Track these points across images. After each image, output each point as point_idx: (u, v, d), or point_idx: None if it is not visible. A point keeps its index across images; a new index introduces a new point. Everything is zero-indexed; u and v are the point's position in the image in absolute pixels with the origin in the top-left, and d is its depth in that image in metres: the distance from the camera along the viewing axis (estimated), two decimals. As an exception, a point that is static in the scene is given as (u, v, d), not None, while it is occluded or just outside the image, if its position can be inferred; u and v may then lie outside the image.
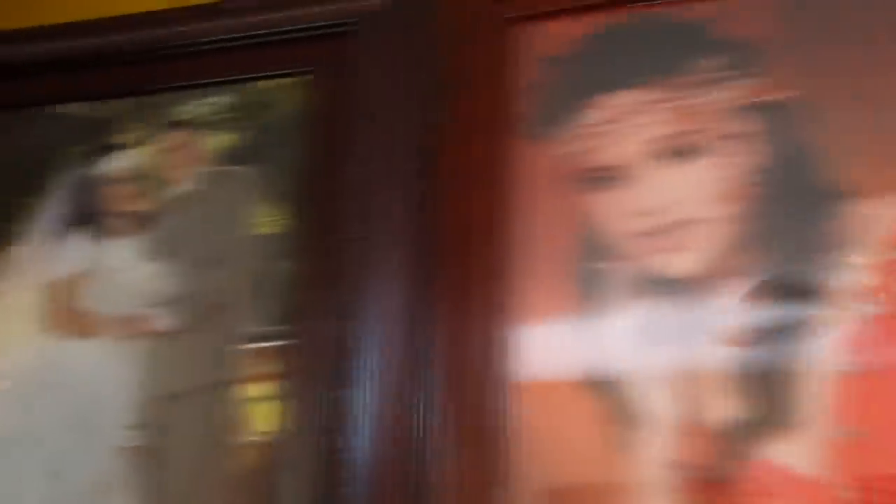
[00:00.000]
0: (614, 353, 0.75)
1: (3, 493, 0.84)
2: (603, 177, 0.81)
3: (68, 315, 0.90)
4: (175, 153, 0.95)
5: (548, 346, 0.77)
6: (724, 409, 0.71)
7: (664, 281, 0.76)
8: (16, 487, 0.84)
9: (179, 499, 0.80)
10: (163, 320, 0.86)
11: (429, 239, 0.82)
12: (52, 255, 0.93)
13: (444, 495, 0.73)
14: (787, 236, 0.75)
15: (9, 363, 0.90)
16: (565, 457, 0.73)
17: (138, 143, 0.96)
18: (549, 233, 0.81)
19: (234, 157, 0.93)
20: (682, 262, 0.77)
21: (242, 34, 0.94)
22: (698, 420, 0.71)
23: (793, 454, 0.68)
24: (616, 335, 0.76)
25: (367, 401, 0.78)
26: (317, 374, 0.80)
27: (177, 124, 0.96)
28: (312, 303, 0.82)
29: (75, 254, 0.92)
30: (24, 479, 0.84)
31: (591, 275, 0.78)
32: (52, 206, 0.95)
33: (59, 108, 1.01)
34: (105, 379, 0.86)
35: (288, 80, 0.93)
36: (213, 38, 0.95)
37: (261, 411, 0.81)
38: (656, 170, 0.80)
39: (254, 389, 0.82)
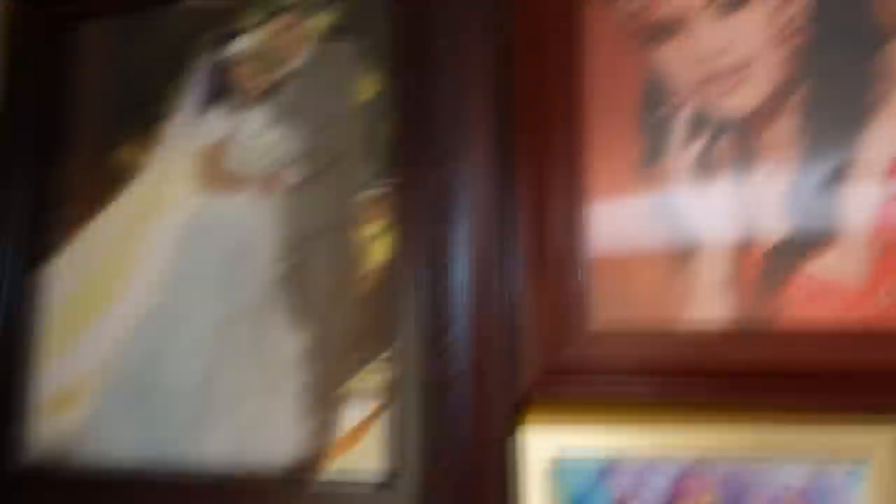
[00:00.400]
0: (676, 191, 0.87)
1: (180, 316, 1.07)
2: (664, 29, 0.91)
3: (216, 175, 1.09)
4: (286, 34, 1.10)
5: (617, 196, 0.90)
6: (772, 230, 0.82)
7: (723, 121, 0.87)
8: (198, 306, 1.07)
9: (318, 316, 1.01)
10: (291, 176, 1.05)
11: (509, 91, 0.94)
12: (198, 127, 1.12)
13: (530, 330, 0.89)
14: (839, 74, 0.83)
15: (176, 216, 1.11)
16: (635, 295, 0.87)
17: (255, 27, 1.12)
18: (617, 84, 0.91)
19: (336, 33, 1.07)
20: (739, 102, 0.87)
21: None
22: (750, 243, 0.83)
23: (835, 267, 0.80)
24: (678, 178, 0.88)
25: (462, 237, 0.95)
26: (419, 213, 0.97)
27: (285, 8, 1.10)
28: (413, 154, 0.98)
29: (215, 125, 1.11)
30: (200, 303, 1.06)
31: (656, 122, 0.89)
32: (193, 87, 1.13)
33: (189, 3, 1.16)
34: (252, 225, 1.05)
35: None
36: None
37: (377, 245, 0.99)
38: (713, 18, 0.88)
39: (370, 228, 1.00)
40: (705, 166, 0.86)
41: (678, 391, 0.82)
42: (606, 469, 0.84)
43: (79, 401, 1.11)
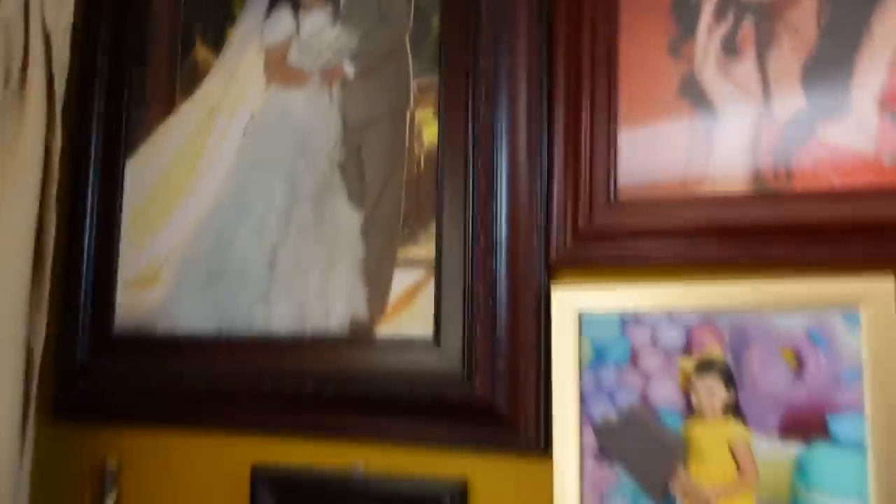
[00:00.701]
0: (702, 69, 0.96)
1: (256, 195, 1.21)
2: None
3: (281, 71, 1.21)
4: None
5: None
6: (791, 101, 0.91)
7: (748, 4, 0.94)
8: (266, 190, 1.20)
9: (373, 196, 1.13)
10: (349, 69, 1.16)
11: None
12: (264, 27, 1.23)
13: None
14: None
15: (245, 110, 1.23)
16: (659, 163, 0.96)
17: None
18: None
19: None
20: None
21: None
22: (769, 115, 0.92)
23: (847, 134, 0.89)
24: (705, 57, 0.96)
25: (503, 122, 1.05)
26: (464, 100, 1.07)
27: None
28: (459, 46, 1.08)
29: (282, 25, 1.22)
30: (268, 188, 1.19)
31: (686, 5, 0.97)
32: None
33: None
34: (315, 115, 1.17)
35: None
36: None
37: (426, 131, 1.10)
38: None
39: (420, 115, 1.11)
40: (730, 46, 0.94)
41: (693, 252, 0.93)
42: (626, 323, 0.95)
43: (161, 278, 1.26)
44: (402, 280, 1.09)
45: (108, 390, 1.27)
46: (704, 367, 0.91)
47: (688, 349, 0.92)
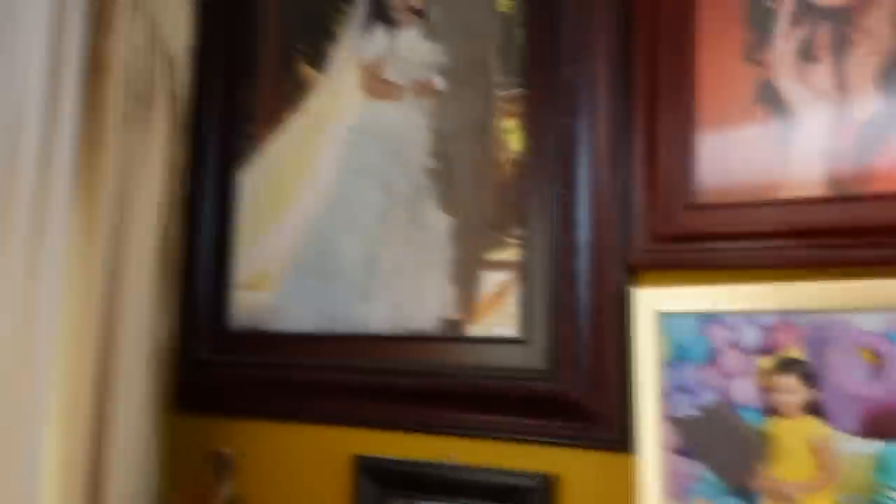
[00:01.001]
0: (779, 74, 0.97)
1: (355, 202, 1.29)
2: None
3: (377, 85, 1.29)
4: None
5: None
6: (868, 104, 0.92)
7: (824, 10, 0.95)
8: (364, 196, 1.28)
9: (462, 202, 1.19)
10: (439, 81, 1.23)
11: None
12: (362, 45, 1.32)
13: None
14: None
15: (344, 122, 1.32)
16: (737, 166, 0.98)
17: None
18: None
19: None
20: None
21: None
22: (846, 118, 0.93)
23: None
24: (782, 63, 0.98)
25: (585, 129, 1.09)
26: (548, 109, 1.12)
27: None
28: (542, 56, 1.13)
29: (377, 42, 1.30)
30: (366, 193, 1.28)
31: (761, 12, 0.99)
32: (357, 10, 1.33)
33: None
34: (409, 126, 1.25)
35: None
36: None
37: (512, 139, 1.16)
38: None
39: (506, 124, 1.16)
40: (806, 52, 0.96)
41: (771, 254, 0.94)
42: (705, 322, 0.98)
43: (271, 279, 1.37)
44: (490, 281, 1.15)
45: (224, 384, 1.39)
46: (784, 366, 0.93)
47: (767, 349, 0.94)
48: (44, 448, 1.20)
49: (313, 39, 1.37)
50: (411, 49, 1.27)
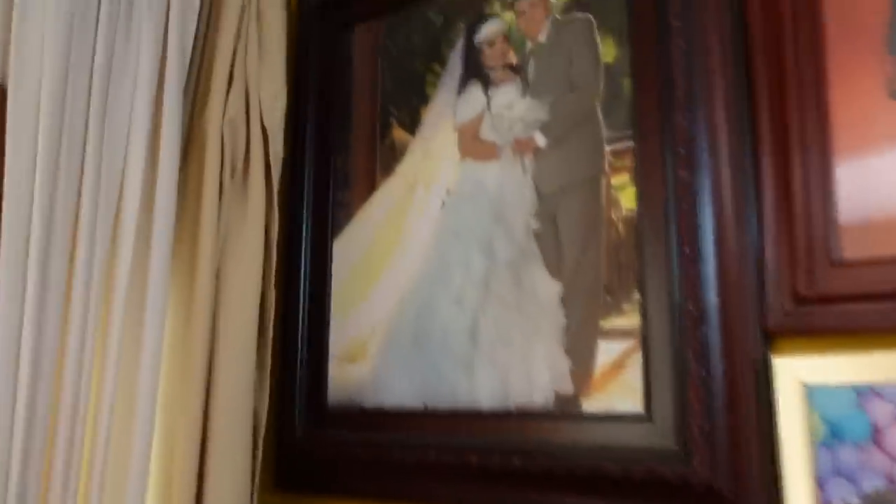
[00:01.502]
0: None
1: (454, 267, 1.22)
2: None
3: (475, 145, 1.23)
4: (530, 12, 1.21)
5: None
6: None
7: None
8: (464, 260, 1.21)
9: (571, 266, 1.11)
10: (541, 139, 1.16)
11: (742, 36, 0.97)
12: (458, 105, 1.27)
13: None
14: None
15: (444, 183, 1.27)
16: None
17: (502, 10, 1.24)
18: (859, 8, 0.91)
19: (575, 7, 1.16)
20: None
21: None
22: None
23: None
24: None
25: (705, 181, 0.99)
26: (661, 162, 1.03)
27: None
28: (652, 105, 1.05)
29: (473, 102, 1.25)
30: (466, 259, 1.21)
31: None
32: (450, 70, 1.29)
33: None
34: (509, 186, 1.18)
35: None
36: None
37: (623, 195, 1.07)
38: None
39: (616, 179, 1.08)
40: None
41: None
42: (862, 395, 0.85)
43: (367, 351, 1.31)
44: (607, 351, 1.05)
45: (321, 462, 1.33)
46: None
47: (944, 426, 0.80)
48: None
49: (407, 103, 1.33)
50: (509, 106, 1.20)
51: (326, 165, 1.42)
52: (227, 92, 1.35)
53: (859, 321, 0.86)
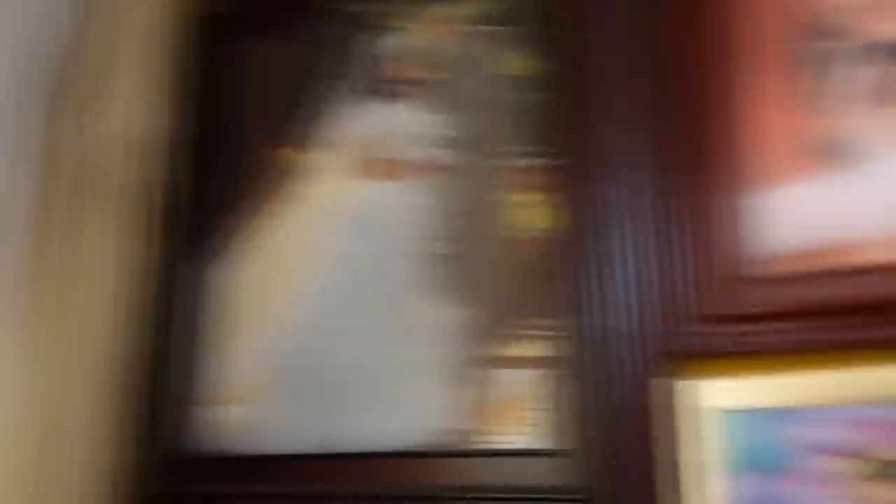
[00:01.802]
0: (846, 124, 0.85)
1: (349, 298, 1.13)
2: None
3: (375, 165, 1.16)
4: (435, 26, 1.17)
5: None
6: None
7: (888, 48, 0.85)
8: (356, 287, 1.12)
9: (476, 292, 1.04)
10: (446, 157, 1.10)
11: (659, 51, 0.96)
12: (354, 122, 1.20)
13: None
14: None
15: (339, 203, 1.18)
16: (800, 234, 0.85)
17: (405, 23, 1.20)
18: (771, 22, 0.91)
19: (485, 20, 1.13)
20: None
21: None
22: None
23: None
24: (846, 101, 0.85)
25: (615, 201, 0.96)
26: (573, 181, 0.99)
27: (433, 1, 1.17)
28: (565, 122, 1.01)
29: (373, 116, 1.18)
30: (360, 282, 1.12)
31: (819, 54, 0.88)
32: (349, 85, 1.22)
33: (341, 7, 1.26)
34: (410, 208, 1.11)
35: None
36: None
37: (530, 217, 1.02)
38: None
39: (524, 198, 1.03)
40: (879, 95, 0.84)
41: (844, 333, 0.80)
42: (775, 419, 0.81)
43: (248, 393, 1.18)
44: (509, 381, 0.98)
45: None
46: (884, 471, 0.76)
47: (859, 451, 0.77)
48: None
49: (299, 121, 1.25)
50: (411, 123, 1.15)
51: (208, 187, 1.30)
52: (96, 107, 1.24)
53: (774, 340, 0.83)
